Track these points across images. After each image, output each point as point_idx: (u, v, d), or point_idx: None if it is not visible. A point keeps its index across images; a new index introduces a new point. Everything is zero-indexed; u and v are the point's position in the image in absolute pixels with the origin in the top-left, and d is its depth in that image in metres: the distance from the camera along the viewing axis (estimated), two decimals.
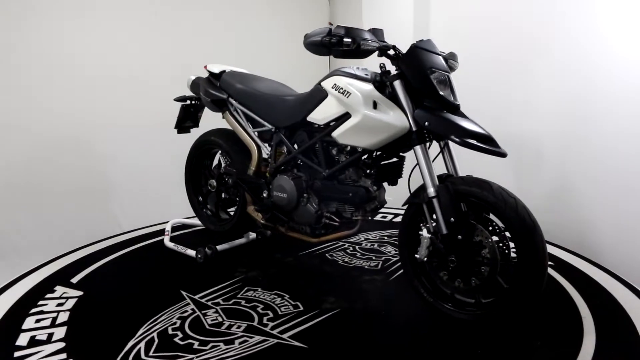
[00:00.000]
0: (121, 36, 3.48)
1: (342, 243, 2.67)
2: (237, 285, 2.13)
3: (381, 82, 1.83)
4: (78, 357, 1.57)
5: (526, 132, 2.86)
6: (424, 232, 1.76)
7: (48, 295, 2.03)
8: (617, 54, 2.35)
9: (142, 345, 1.63)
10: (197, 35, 3.83)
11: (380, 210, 2.06)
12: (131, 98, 3.53)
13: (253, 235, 2.72)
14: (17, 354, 1.57)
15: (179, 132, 2.81)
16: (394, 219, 3.19)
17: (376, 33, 1.78)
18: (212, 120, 2.79)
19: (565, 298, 1.95)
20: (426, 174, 1.73)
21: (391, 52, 1.79)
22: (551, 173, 2.80)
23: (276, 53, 4.27)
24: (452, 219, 1.66)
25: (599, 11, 2.44)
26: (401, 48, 1.81)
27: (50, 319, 1.81)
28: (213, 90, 2.50)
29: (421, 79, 1.72)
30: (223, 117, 2.54)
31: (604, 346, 1.58)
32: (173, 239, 2.73)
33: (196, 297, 2.00)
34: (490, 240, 1.64)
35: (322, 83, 2.02)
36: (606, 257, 2.39)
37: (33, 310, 1.89)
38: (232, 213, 2.72)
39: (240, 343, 1.65)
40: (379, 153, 1.97)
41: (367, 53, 1.75)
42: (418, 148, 1.75)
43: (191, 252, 2.47)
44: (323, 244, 2.61)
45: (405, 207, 1.89)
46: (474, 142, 1.62)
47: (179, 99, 2.73)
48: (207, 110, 2.74)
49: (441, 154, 1.87)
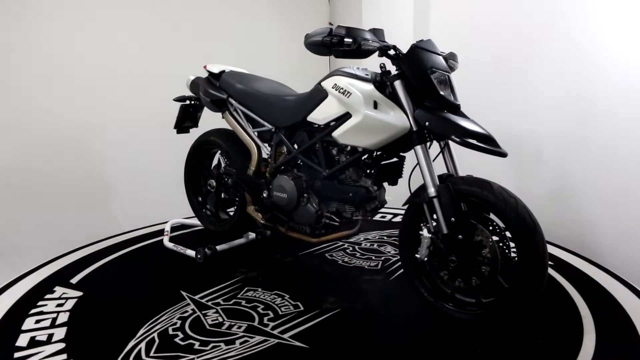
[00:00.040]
0: (121, 36, 3.48)
1: (342, 243, 2.67)
2: (237, 285, 2.13)
3: (381, 82, 1.84)
4: (78, 358, 1.56)
5: (526, 132, 2.87)
6: (425, 232, 1.76)
7: (47, 295, 2.03)
8: (617, 54, 2.36)
9: (143, 345, 1.63)
10: (197, 35, 3.83)
11: (380, 210, 2.06)
12: (131, 98, 3.53)
13: (252, 235, 2.71)
14: (18, 355, 1.57)
15: (178, 132, 2.81)
16: (393, 219, 3.19)
17: (377, 33, 1.79)
18: (212, 120, 2.78)
19: (565, 298, 1.95)
20: (427, 174, 1.73)
21: (391, 52, 1.79)
22: (551, 173, 2.80)
23: (276, 53, 4.27)
24: (453, 219, 1.66)
25: (599, 11, 2.45)
26: (401, 48, 1.81)
27: (50, 320, 1.81)
28: (213, 90, 2.49)
29: (422, 79, 1.72)
30: (223, 117, 2.54)
31: (604, 346, 1.58)
32: (172, 239, 2.72)
33: (196, 298, 2.00)
34: (490, 240, 1.64)
35: (322, 83, 2.02)
36: (606, 257, 2.40)
37: (33, 310, 1.88)
38: (232, 213, 2.72)
39: (241, 343, 1.64)
40: (379, 153, 1.97)
41: (368, 53, 1.75)
42: (418, 148, 1.75)
43: (191, 253, 2.46)
44: (323, 244, 2.61)
45: (405, 207, 1.89)
46: (475, 142, 1.62)
47: (178, 99, 2.73)
48: (207, 110, 2.74)
49: (441, 154, 1.87)
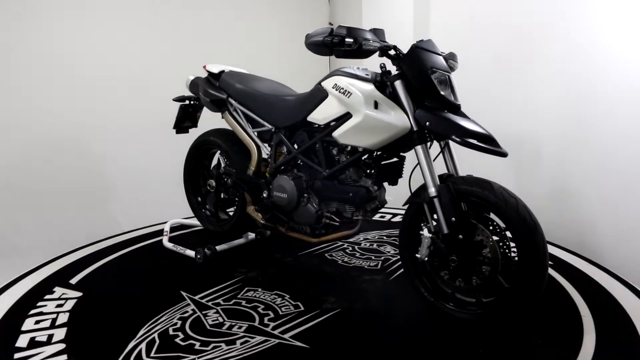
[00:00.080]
0: (121, 36, 3.47)
1: (341, 243, 2.67)
2: (237, 285, 2.13)
3: (382, 82, 1.84)
4: (79, 358, 1.56)
5: (526, 132, 2.87)
6: (425, 232, 1.76)
7: (47, 296, 2.02)
8: (617, 54, 2.36)
9: (143, 346, 1.62)
10: (197, 35, 3.83)
11: (380, 210, 2.06)
12: (131, 98, 3.52)
13: (252, 235, 2.71)
14: (18, 356, 1.56)
15: (178, 133, 2.81)
16: (392, 219, 3.20)
17: (377, 33, 1.79)
18: (211, 120, 2.78)
19: (565, 298, 1.96)
20: (427, 174, 1.73)
21: (392, 53, 1.79)
22: (551, 173, 2.80)
23: (276, 53, 4.27)
24: (453, 219, 1.66)
25: (599, 11, 2.45)
26: (401, 48, 1.81)
27: (49, 320, 1.80)
28: (212, 90, 2.49)
29: (422, 79, 1.72)
30: (222, 117, 2.54)
31: (604, 346, 1.58)
32: (172, 240, 2.72)
33: (196, 298, 2.00)
34: (491, 239, 1.65)
35: (323, 83, 2.02)
36: (606, 257, 2.40)
37: (32, 311, 1.88)
38: (231, 213, 2.72)
39: (241, 343, 1.64)
40: (379, 153, 1.97)
41: (369, 53, 1.75)
42: (419, 148, 1.75)
43: (190, 253, 2.46)
44: (323, 244, 2.61)
45: (405, 207, 1.89)
46: (475, 142, 1.62)
47: (178, 99, 2.73)
48: (206, 110, 2.74)
49: (441, 154, 1.88)
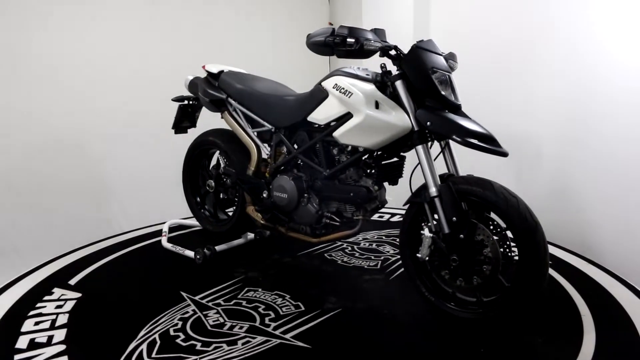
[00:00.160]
0: (121, 36, 3.46)
1: (341, 243, 2.67)
2: (238, 285, 2.13)
3: (382, 82, 1.84)
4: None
5: (526, 132, 2.87)
6: (426, 232, 1.76)
7: (46, 297, 2.01)
8: (618, 55, 2.37)
9: (144, 347, 1.62)
10: (197, 35, 3.82)
11: (380, 209, 2.06)
12: (130, 98, 3.51)
13: (251, 235, 2.70)
14: (18, 357, 1.56)
15: (177, 133, 2.80)
16: (391, 219, 3.20)
17: (378, 33, 1.79)
18: (210, 120, 2.77)
19: (565, 298, 1.96)
20: (428, 174, 1.73)
21: (393, 53, 1.79)
22: (551, 173, 2.81)
23: (276, 53, 4.27)
24: (454, 218, 1.67)
25: (599, 12, 2.46)
26: (401, 48, 1.81)
27: (49, 322, 1.79)
28: (212, 90, 2.48)
29: (423, 79, 1.73)
30: (222, 117, 2.53)
31: (604, 345, 1.59)
32: (171, 240, 2.71)
33: (196, 298, 1.99)
34: (491, 239, 1.65)
35: (323, 83, 2.02)
36: (606, 257, 2.41)
37: (31, 312, 1.87)
38: (231, 213, 2.71)
39: (243, 344, 1.64)
40: (380, 153, 1.97)
41: (370, 53, 1.75)
42: (420, 148, 1.75)
43: (189, 253, 2.45)
44: (323, 244, 2.61)
45: (406, 207, 1.90)
46: (476, 142, 1.63)
47: (177, 99, 2.72)
48: (204, 110, 2.73)
49: (442, 154, 1.88)
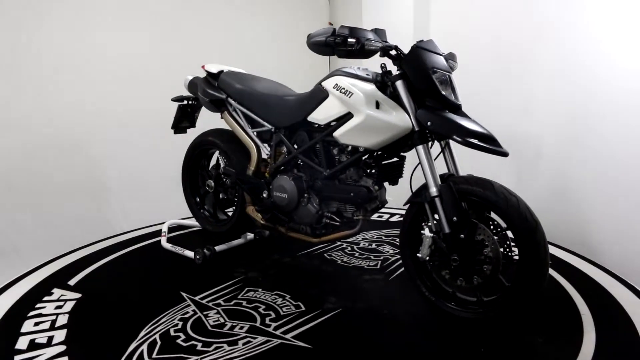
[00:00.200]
0: (121, 36, 3.45)
1: (340, 243, 2.67)
2: (238, 286, 2.12)
3: (382, 82, 1.84)
4: None
5: (526, 132, 2.88)
6: (426, 231, 1.76)
7: (46, 297, 2.00)
8: (617, 54, 2.38)
9: (145, 347, 1.62)
10: (197, 35, 3.81)
11: (380, 209, 2.06)
12: (130, 98, 3.51)
13: (250, 235, 2.70)
14: (18, 358, 1.55)
15: (176, 133, 2.80)
16: (391, 219, 3.20)
17: (379, 33, 1.79)
18: (209, 120, 2.77)
19: (565, 298, 1.96)
20: (428, 174, 1.74)
21: (393, 53, 1.79)
22: (551, 173, 2.81)
23: (276, 53, 4.26)
24: (455, 218, 1.67)
25: (599, 12, 2.46)
26: (401, 48, 1.81)
27: (49, 322, 1.79)
28: (211, 90, 2.48)
29: (423, 79, 1.73)
30: (222, 117, 2.53)
31: (604, 345, 1.59)
32: (170, 240, 2.71)
33: (196, 298, 1.99)
34: (492, 238, 1.65)
35: (323, 83, 2.02)
36: (606, 257, 2.41)
37: (31, 313, 1.86)
38: (230, 214, 2.71)
39: (244, 344, 1.64)
40: (380, 153, 1.97)
41: (371, 53, 1.75)
42: (420, 148, 1.76)
43: (189, 253, 2.45)
44: (323, 244, 2.60)
45: (406, 207, 1.90)
46: (476, 142, 1.63)
47: (176, 99, 2.72)
48: (203, 110, 2.73)
49: (442, 154, 1.88)
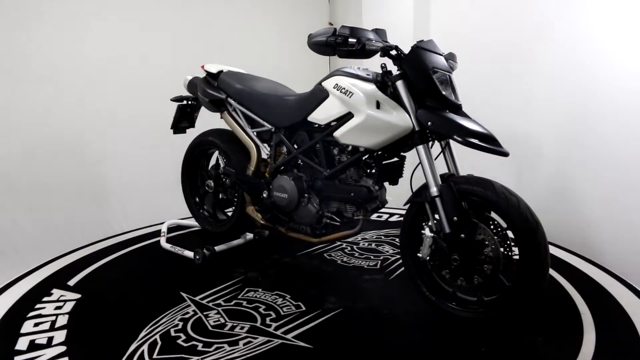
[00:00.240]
0: (121, 36, 3.44)
1: (340, 243, 2.67)
2: (238, 286, 2.12)
3: (383, 82, 1.84)
4: None
5: (526, 132, 2.88)
6: (427, 231, 1.76)
7: (45, 298, 2.00)
8: (617, 54, 2.38)
9: (145, 347, 1.61)
10: (196, 35, 3.81)
11: (381, 209, 2.06)
12: (130, 98, 3.50)
13: (250, 235, 2.70)
14: (18, 359, 1.55)
15: (175, 133, 2.79)
16: (390, 219, 3.21)
17: (379, 33, 1.79)
18: (208, 120, 2.77)
19: (564, 297, 1.97)
20: (429, 174, 1.74)
21: (393, 53, 1.79)
22: (551, 173, 2.81)
23: (276, 53, 4.26)
24: (455, 218, 1.67)
25: (599, 12, 2.47)
26: (401, 48, 1.81)
27: (49, 323, 1.78)
28: (211, 90, 2.48)
29: (424, 79, 1.73)
30: (221, 118, 2.53)
31: (604, 345, 1.59)
32: (169, 240, 2.70)
33: (197, 299, 1.99)
34: (492, 238, 1.66)
35: (323, 83, 2.02)
36: (606, 257, 2.41)
37: (31, 314, 1.86)
38: (230, 214, 2.70)
39: (244, 344, 1.64)
40: (380, 153, 1.97)
41: (372, 53, 1.75)
42: (421, 148, 1.76)
43: (188, 253, 2.44)
44: (322, 244, 2.60)
45: (406, 207, 1.90)
46: (477, 142, 1.63)
47: (176, 99, 2.71)
48: (203, 110, 2.72)
49: (442, 154, 1.88)
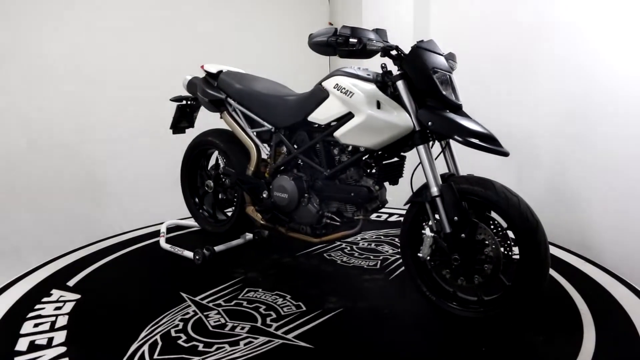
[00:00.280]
0: (120, 36, 3.44)
1: (339, 243, 2.66)
2: (238, 286, 2.12)
3: (383, 82, 1.84)
4: None
5: (527, 132, 2.88)
6: (427, 231, 1.76)
7: (44, 299, 1.99)
8: (618, 53, 2.39)
9: (146, 348, 1.61)
10: (196, 35, 3.80)
11: (381, 209, 2.06)
12: (129, 98, 3.49)
13: (249, 235, 2.70)
14: (18, 359, 1.54)
15: (174, 133, 2.79)
16: (389, 219, 3.21)
17: (380, 33, 1.80)
18: (207, 120, 2.76)
19: (564, 297, 1.97)
20: (429, 174, 1.74)
21: (394, 53, 1.79)
22: (551, 173, 2.82)
23: (276, 53, 4.26)
24: (456, 218, 1.67)
25: (599, 12, 2.47)
26: (402, 48, 1.82)
27: (49, 323, 1.78)
28: (211, 90, 2.47)
29: (424, 79, 1.73)
30: (221, 118, 2.52)
31: (604, 345, 1.60)
32: (169, 240, 2.70)
33: (197, 299, 1.98)
34: (493, 238, 1.66)
35: (323, 83, 2.02)
36: (606, 257, 2.42)
37: (30, 314, 1.85)
38: (230, 214, 2.70)
39: (245, 344, 1.63)
40: (380, 153, 1.97)
41: (372, 53, 1.75)
42: (421, 147, 1.76)
43: (188, 254, 2.44)
44: (322, 245, 2.60)
45: (406, 207, 1.90)
46: (477, 142, 1.64)
47: (175, 99, 2.71)
48: (202, 110, 2.72)
49: (442, 153, 1.89)
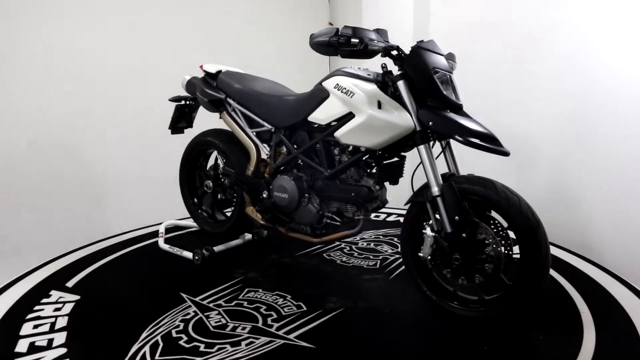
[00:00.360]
0: (120, 36, 3.43)
1: (339, 243, 2.67)
2: (238, 286, 2.12)
3: (383, 82, 1.85)
4: None
5: (527, 132, 2.89)
6: (428, 231, 1.77)
7: (44, 300, 1.98)
8: (618, 53, 2.40)
9: (147, 349, 1.61)
10: (196, 35, 3.79)
11: (381, 209, 2.07)
12: (128, 98, 3.49)
13: (249, 236, 2.70)
14: None
15: (173, 133, 2.78)
16: (388, 219, 3.21)
17: (381, 33, 1.80)
18: (207, 120, 2.76)
19: (565, 297, 1.97)
20: (430, 173, 1.74)
21: (394, 53, 1.79)
22: (552, 173, 2.82)
23: (275, 53, 4.25)
24: (457, 217, 1.68)
25: (600, 12, 2.48)
26: (402, 48, 1.82)
27: (48, 325, 1.77)
28: (210, 90, 2.47)
29: (425, 79, 1.73)
30: (220, 118, 2.52)
31: (604, 345, 1.60)
32: (168, 241, 2.69)
33: (197, 299, 1.98)
34: (494, 238, 1.66)
35: (324, 83, 2.01)
36: (606, 257, 2.43)
37: (29, 315, 1.84)
38: (229, 214, 2.70)
39: (246, 344, 1.63)
40: (380, 152, 1.97)
41: (374, 53, 1.75)
42: (422, 147, 1.76)
43: (187, 254, 2.44)
44: (322, 245, 2.60)
45: (406, 207, 1.90)
46: (478, 142, 1.64)
47: (174, 99, 2.70)
48: (200, 110, 2.71)
49: (442, 153, 1.89)
